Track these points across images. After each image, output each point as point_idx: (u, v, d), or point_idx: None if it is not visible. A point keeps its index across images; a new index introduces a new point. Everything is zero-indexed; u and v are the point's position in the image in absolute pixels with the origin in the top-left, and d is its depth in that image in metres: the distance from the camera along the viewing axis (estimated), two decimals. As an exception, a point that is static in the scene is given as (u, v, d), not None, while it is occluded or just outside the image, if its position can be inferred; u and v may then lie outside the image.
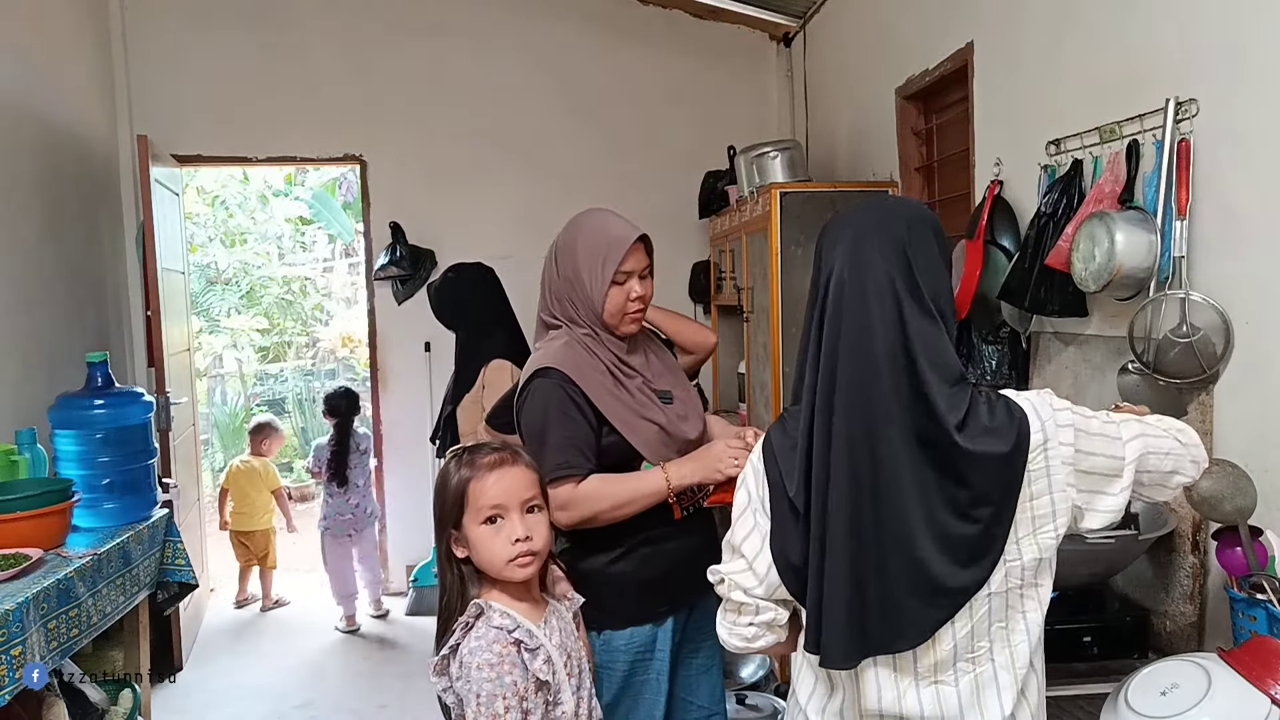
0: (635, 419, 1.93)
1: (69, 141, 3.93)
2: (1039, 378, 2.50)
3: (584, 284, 1.93)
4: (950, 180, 3.26)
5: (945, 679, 1.25)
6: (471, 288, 3.21)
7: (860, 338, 1.22)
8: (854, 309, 1.23)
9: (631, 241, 1.93)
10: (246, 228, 9.10)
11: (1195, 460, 1.36)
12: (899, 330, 1.21)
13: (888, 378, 1.20)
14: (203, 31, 4.58)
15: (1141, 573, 2.06)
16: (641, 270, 1.96)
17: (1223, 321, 1.83)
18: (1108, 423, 1.29)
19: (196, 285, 8.36)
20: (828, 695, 1.33)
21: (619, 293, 1.93)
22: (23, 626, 2.18)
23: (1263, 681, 1.38)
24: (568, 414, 1.88)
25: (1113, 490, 1.27)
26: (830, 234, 1.31)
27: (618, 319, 1.95)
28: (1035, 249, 2.28)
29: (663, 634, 1.97)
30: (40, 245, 3.55)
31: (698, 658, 2.09)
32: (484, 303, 3.17)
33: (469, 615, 1.56)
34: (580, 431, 1.89)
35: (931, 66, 3.16)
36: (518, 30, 4.84)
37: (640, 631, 1.95)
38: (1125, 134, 2.09)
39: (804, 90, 4.65)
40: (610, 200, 2.38)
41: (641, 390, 1.97)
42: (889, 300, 1.22)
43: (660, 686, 1.97)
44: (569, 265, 1.96)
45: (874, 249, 1.25)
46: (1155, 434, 1.32)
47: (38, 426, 2.97)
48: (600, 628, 1.93)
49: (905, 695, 1.25)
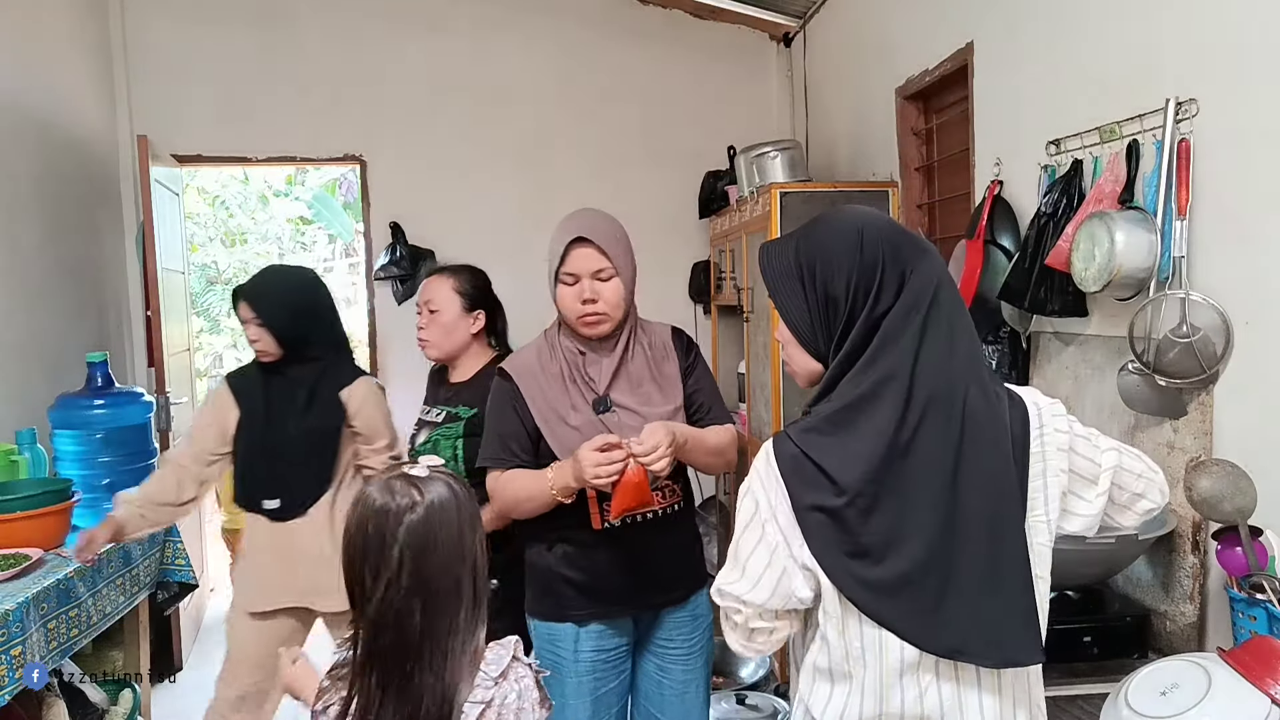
0: (556, 421, 1.95)
1: (69, 142, 3.93)
2: (1039, 378, 2.50)
3: (550, 285, 1.99)
4: (950, 180, 3.26)
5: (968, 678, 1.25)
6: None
7: (971, 342, 1.27)
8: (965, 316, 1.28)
9: (567, 242, 1.92)
10: (247, 228, 9.10)
11: (1162, 490, 1.38)
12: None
13: (989, 376, 1.27)
14: (203, 31, 4.57)
15: (1141, 573, 2.06)
16: (595, 272, 1.92)
17: (1223, 321, 1.83)
18: (1089, 431, 1.33)
19: (197, 285, 8.36)
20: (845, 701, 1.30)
21: (568, 293, 1.94)
22: (23, 626, 2.18)
23: (1263, 681, 1.38)
24: (503, 411, 1.97)
25: (1088, 496, 1.30)
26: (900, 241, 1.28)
27: (573, 320, 1.97)
28: (1035, 249, 2.28)
29: (585, 635, 1.97)
30: (40, 245, 3.55)
31: (668, 678, 2.08)
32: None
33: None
34: (511, 428, 1.96)
35: (931, 66, 3.16)
36: (518, 30, 4.83)
37: (558, 628, 1.98)
38: (1125, 134, 2.09)
39: (804, 90, 4.65)
40: (610, 200, 2.39)
41: (579, 394, 1.97)
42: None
43: (581, 689, 1.98)
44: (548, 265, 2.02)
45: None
46: (1129, 453, 1.35)
47: (38, 426, 2.98)
48: (530, 616, 2.05)
49: (926, 693, 1.25)
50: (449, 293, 2.39)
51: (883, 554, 1.20)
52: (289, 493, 2.49)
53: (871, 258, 1.24)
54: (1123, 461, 1.32)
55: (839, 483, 1.20)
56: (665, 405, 2.00)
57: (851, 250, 1.25)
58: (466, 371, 2.42)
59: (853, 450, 1.21)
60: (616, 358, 2.00)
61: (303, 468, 2.50)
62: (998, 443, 1.23)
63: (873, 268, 1.23)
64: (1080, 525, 1.31)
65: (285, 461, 2.49)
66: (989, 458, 1.22)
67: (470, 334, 2.41)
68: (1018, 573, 1.22)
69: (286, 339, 2.47)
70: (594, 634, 1.98)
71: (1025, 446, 1.25)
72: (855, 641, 1.25)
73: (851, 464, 1.20)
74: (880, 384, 1.21)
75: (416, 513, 1.30)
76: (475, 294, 2.42)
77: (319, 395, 2.51)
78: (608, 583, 1.96)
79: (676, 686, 2.08)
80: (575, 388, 1.97)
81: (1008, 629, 1.21)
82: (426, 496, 1.31)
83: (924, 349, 1.21)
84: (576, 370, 1.98)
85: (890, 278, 1.23)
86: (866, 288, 1.23)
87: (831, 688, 1.30)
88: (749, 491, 1.27)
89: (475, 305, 2.41)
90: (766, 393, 3.55)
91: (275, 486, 2.50)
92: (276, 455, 2.49)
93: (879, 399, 1.21)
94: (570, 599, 1.98)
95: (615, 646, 2.02)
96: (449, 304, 2.38)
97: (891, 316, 1.22)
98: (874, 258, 1.24)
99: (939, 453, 1.20)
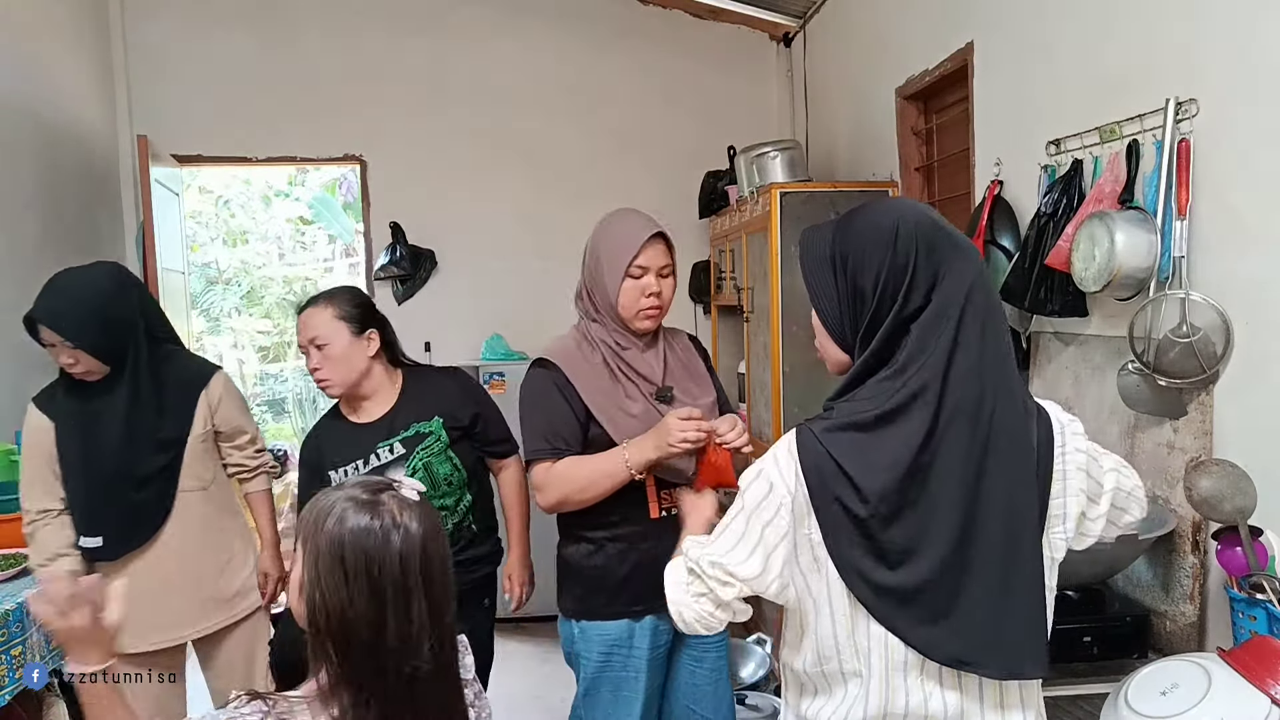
0: (615, 410, 1.95)
1: (69, 141, 3.93)
2: (1039, 378, 2.50)
3: (603, 279, 1.97)
4: (950, 180, 3.26)
5: (970, 680, 1.25)
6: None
7: (1002, 345, 1.23)
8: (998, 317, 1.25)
9: (646, 237, 1.95)
10: (248, 228, 9.11)
11: (1142, 504, 1.38)
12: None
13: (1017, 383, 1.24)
14: (203, 31, 4.58)
15: (1141, 573, 2.06)
16: (660, 268, 1.98)
17: (1223, 321, 1.83)
18: (1093, 448, 1.32)
19: (197, 285, 8.37)
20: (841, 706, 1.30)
21: (633, 287, 1.95)
22: (23, 626, 2.19)
23: (1263, 681, 1.38)
24: (550, 400, 1.94)
25: (1092, 515, 1.31)
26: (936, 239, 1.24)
27: (631, 314, 1.97)
28: (1035, 249, 2.28)
29: (640, 631, 1.98)
30: (40, 245, 3.55)
31: (702, 667, 2.10)
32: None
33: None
34: (560, 417, 1.94)
35: (931, 66, 3.16)
36: (518, 30, 4.83)
37: (615, 626, 1.98)
38: (1125, 134, 2.09)
39: (804, 90, 4.65)
40: (610, 200, 2.39)
41: (633, 384, 1.98)
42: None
43: (639, 684, 1.98)
44: (593, 260, 2.00)
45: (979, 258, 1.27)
46: (1123, 470, 1.35)
47: (38, 426, 2.97)
48: (577, 617, 2.01)
49: (931, 697, 1.25)
50: (332, 321, 2.19)
51: (898, 562, 1.20)
52: (126, 524, 2.24)
53: (904, 255, 1.21)
54: (1120, 482, 1.33)
55: (862, 490, 1.19)
56: (706, 399, 2.05)
57: (885, 245, 1.22)
58: (387, 397, 2.26)
59: (877, 460, 1.19)
60: (661, 352, 2.04)
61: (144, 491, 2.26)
62: (1020, 456, 1.21)
63: (904, 267, 1.21)
64: (1086, 544, 1.33)
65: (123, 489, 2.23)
66: (1011, 471, 1.20)
67: (369, 357, 2.22)
68: (1031, 588, 1.22)
69: (105, 353, 2.21)
70: (648, 629, 1.99)
71: (1049, 462, 1.24)
72: (863, 640, 1.24)
73: (876, 474, 1.19)
74: (911, 397, 1.19)
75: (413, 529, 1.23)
76: (360, 314, 2.23)
77: (167, 403, 2.29)
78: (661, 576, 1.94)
79: (709, 676, 2.09)
80: (626, 379, 1.98)
81: (1014, 641, 1.21)
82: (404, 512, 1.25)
83: (954, 360, 1.19)
84: (623, 362, 1.99)
85: (922, 278, 1.20)
86: (895, 286, 1.21)
87: (831, 689, 1.29)
88: (762, 474, 1.25)
89: (364, 326, 2.22)
90: (767, 393, 3.55)
91: (102, 521, 2.22)
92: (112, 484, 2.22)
93: (909, 413, 1.19)
94: (626, 595, 1.97)
95: (665, 642, 2.03)
96: (335, 333, 2.19)
97: (922, 322, 1.20)
98: (906, 256, 1.21)
99: (961, 468, 1.19)
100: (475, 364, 4.51)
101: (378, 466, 2.17)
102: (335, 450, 2.23)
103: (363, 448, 2.20)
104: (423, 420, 2.22)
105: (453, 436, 2.24)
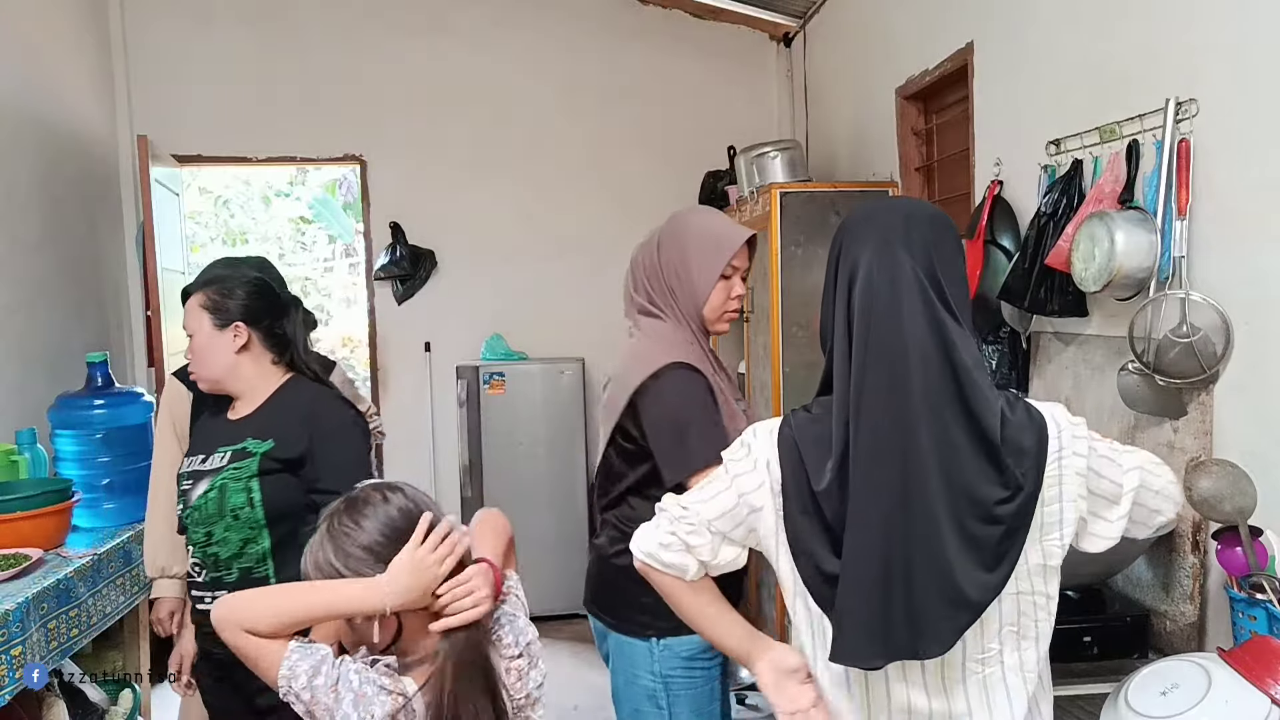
0: (733, 412, 1.87)
1: (69, 142, 3.93)
2: (1039, 378, 2.50)
3: (691, 276, 1.88)
4: (950, 180, 3.26)
5: (953, 678, 1.25)
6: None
7: (892, 339, 1.20)
8: (885, 310, 1.21)
9: (746, 238, 1.91)
10: (248, 228, 9.11)
11: (1176, 501, 1.35)
12: (934, 330, 1.19)
13: (918, 379, 1.18)
14: (203, 31, 4.58)
15: (1141, 573, 2.06)
16: (744, 271, 1.95)
17: (1223, 321, 1.83)
18: (1112, 449, 1.29)
19: (197, 285, 8.33)
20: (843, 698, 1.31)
21: (724, 288, 1.91)
22: (23, 626, 2.18)
23: (1263, 681, 1.38)
24: (708, 405, 1.81)
25: (1110, 517, 1.28)
26: (853, 231, 1.28)
27: (717, 315, 1.93)
28: (1035, 249, 2.28)
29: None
30: (40, 245, 3.55)
31: (729, 679, 2.05)
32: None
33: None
34: (719, 425, 1.81)
35: (931, 66, 3.16)
36: (517, 30, 4.84)
37: (690, 641, 1.83)
38: (1125, 134, 2.09)
39: (804, 90, 4.65)
40: (610, 200, 2.39)
41: (729, 384, 1.94)
42: (919, 301, 1.20)
43: (715, 692, 1.91)
44: (676, 255, 1.90)
45: (902, 249, 1.23)
46: (1152, 468, 1.31)
47: (38, 426, 2.97)
48: (660, 634, 1.82)
49: (914, 693, 1.26)
50: (195, 310, 1.97)
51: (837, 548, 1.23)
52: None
53: (834, 248, 1.29)
54: (1145, 480, 1.29)
55: (811, 477, 1.25)
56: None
57: (834, 242, 1.31)
58: (253, 400, 1.98)
59: (820, 457, 1.25)
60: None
61: None
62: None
63: (833, 261, 1.28)
64: (1102, 545, 1.29)
65: None
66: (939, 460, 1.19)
67: (233, 354, 1.95)
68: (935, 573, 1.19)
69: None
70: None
71: (1041, 468, 1.21)
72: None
73: (821, 470, 1.24)
74: (827, 408, 1.26)
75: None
76: (232, 305, 1.96)
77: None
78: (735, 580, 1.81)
79: (724, 684, 2.05)
80: (724, 378, 1.94)
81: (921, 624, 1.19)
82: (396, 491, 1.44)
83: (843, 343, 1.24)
84: (716, 361, 1.95)
85: (842, 270, 1.27)
86: (830, 279, 1.30)
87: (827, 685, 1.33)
88: (743, 442, 1.33)
89: (231, 319, 1.95)
90: (767, 393, 3.55)
91: None
92: None
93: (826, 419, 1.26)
94: None
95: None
96: (198, 324, 1.96)
97: (836, 322, 1.27)
98: (834, 248, 1.29)
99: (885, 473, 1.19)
100: (475, 364, 4.50)
101: (199, 470, 1.93)
102: (197, 435, 2.07)
103: (210, 444, 1.98)
104: (259, 438, 1.91)
105: (266, 467, 1.88)
